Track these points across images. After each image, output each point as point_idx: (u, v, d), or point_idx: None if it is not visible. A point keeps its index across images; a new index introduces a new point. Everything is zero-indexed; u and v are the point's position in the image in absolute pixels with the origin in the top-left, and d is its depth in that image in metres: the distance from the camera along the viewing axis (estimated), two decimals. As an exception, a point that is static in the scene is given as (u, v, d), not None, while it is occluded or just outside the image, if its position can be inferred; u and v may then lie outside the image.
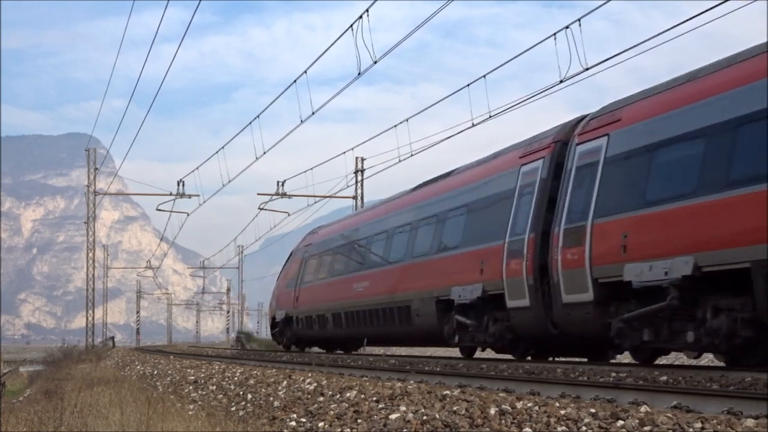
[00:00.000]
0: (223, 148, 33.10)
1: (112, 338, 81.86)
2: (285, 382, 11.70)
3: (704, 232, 11.89)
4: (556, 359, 17.40)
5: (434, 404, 7.76)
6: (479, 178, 18.85)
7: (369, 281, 23.67)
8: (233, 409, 10.54)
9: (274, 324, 32.86)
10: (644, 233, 13.06)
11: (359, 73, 19.93)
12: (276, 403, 9.92)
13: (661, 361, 17.46)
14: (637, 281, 12.94)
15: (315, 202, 43.07)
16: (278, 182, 42.74)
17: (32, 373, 42.63)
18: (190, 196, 45.11)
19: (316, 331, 28.02)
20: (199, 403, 11.59)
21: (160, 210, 46.37)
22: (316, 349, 31.60)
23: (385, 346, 32.21)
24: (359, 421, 7.68)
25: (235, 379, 13.98)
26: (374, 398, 8.65)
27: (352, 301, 24.60)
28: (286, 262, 33.29)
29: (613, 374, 11.25)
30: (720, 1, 14.00)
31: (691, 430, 5.59)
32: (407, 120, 27.54)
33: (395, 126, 27.88)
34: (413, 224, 21.44)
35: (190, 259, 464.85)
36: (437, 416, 7.12)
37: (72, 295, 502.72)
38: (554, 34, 17.30)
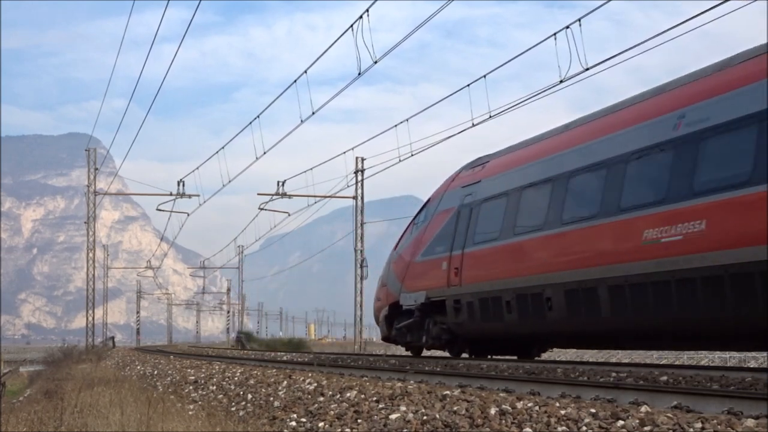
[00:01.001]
0: (223, 148, 33.18)
1: (112, 338, 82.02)
2: (285, 382, 11.69)
3: None
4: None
5: (434, 404, 7.75)
6: None
7: (707, 220, 11.96)
8: (233, 409, 10.53)
9: (393, 315, 20.99)
10: None
11: (359, 73, 19.94)
12: (276, 403, 9.92)
13: (662, 360, 17.25)
14: None
15: (315, 202, 43.18)
16: (278, 182, 42.86)
17: (32, 373, 42.69)
18: (190, 196, 45.23)
19: (514, 320, 16.23)
20: (200, 403, 11.59)
21: (160, 210, 46.45)
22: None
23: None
24: (359, 421, 7.68)
25: (236, 379, 13.98)
26: (374, 398, 8.65)
27: (633, 265, 13.12)
28: (416, 218, 21.47)
29: (614, 374, 11.25)
30: (720, 1, 13.99)
31: (691, 430, 5.58)
32: (407, 120, 27.57)
33: (395, 126, 27.91)
34: None
35: (191, 259, 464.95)
36: (437, 416, 7.11)
37: (72, 295, 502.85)
38: (554, 34, 17.29)
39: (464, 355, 19.72)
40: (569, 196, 15.17)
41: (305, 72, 22.42)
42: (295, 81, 22.81)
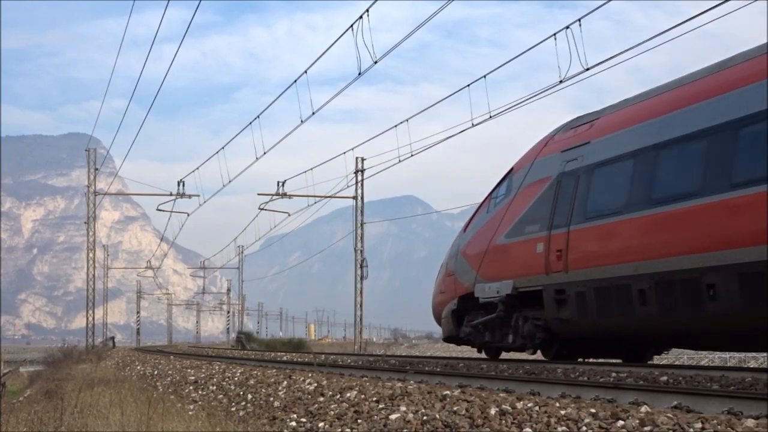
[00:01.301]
0: (223, 148, 33.21)
1: (113, 338, 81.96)
2: (285, 383, 11.69)
3: None
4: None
5: (434, 404, 7.75)
6: None
7: None
8: (233, 409, 10.54)
9: (464, 309, 17.65)
10: None
11: (360, 73, 19.95)
12: (276, 404, 9.92)
13: (662, 360, 17.14)
14: None
15: (315, 203, 43.22)
16: (278, 182, 42.90)
17: (32, 373, 42.71)
18: (190, 196, 45.29)
19: (652, 315, 12.79)
20: (200, 403, 11.59)
21: (160, 210, 46.47)
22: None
23: None
24: (359, 421, 7.68)
25: (236, 379, 13.98)
26: (374, 398, 8.65)
27: None
28: (495, 192, 17.62)
29: (614, 374, 11.25)
30: (720, 1, 14.00)
31: (691, 430, 5.58)
32: (407, 120, 27.61)
33: (395, 126, 27.95)
34: None
35: (191, 259, 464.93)
36: (437, 416, 7.11)
37: (72, 296, 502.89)
38: (554, 34, 17.29)
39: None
40: (742, 148, 11.47)
41: (305, 72, 22.45)
42: (295, 81, 22.86)
